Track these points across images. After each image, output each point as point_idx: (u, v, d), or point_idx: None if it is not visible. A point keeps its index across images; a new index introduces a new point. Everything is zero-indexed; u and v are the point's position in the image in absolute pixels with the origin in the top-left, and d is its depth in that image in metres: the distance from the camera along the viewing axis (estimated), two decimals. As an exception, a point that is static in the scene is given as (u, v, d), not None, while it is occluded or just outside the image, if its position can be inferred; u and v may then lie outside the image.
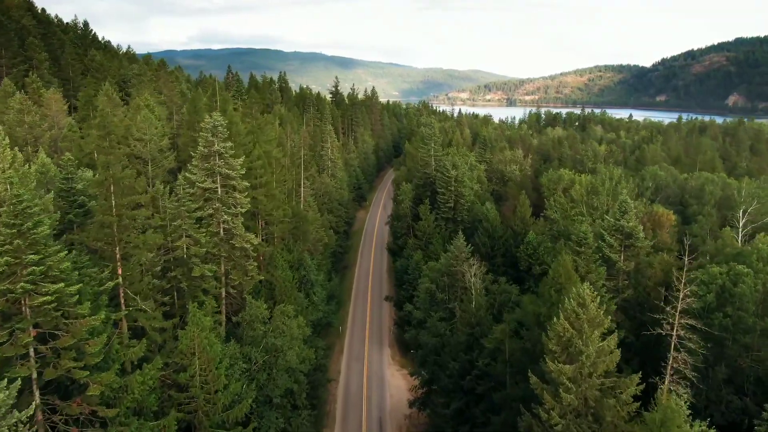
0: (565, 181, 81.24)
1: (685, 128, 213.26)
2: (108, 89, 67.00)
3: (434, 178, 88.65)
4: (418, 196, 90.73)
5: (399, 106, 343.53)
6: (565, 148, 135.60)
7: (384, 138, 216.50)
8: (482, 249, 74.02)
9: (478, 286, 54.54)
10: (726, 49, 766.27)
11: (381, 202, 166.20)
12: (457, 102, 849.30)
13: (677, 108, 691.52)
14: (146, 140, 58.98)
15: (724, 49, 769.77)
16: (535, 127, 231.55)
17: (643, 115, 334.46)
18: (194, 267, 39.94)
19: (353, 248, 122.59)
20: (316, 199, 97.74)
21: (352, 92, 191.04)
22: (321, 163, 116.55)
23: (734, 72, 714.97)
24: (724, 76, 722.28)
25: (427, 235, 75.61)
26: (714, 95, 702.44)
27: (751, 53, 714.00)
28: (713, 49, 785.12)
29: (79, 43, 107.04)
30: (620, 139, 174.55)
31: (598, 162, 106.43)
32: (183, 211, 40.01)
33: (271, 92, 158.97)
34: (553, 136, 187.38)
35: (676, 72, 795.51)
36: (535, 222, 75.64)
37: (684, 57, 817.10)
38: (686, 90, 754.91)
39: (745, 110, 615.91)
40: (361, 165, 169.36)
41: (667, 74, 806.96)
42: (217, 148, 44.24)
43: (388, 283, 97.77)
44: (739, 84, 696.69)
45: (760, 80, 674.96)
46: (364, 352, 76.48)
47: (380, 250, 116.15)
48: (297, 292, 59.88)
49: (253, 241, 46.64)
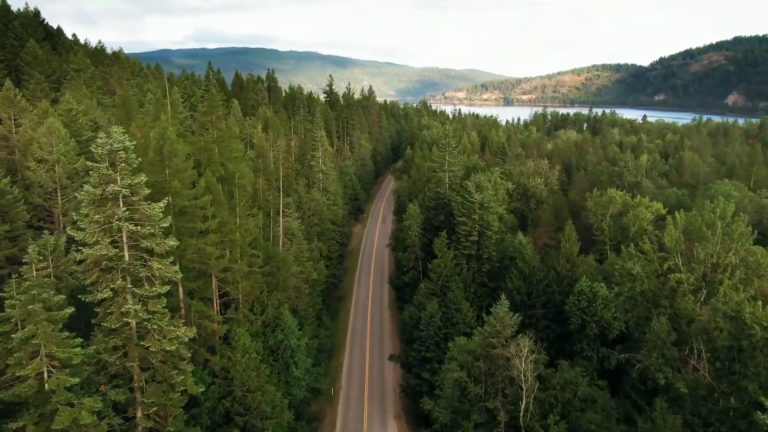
0: (618, 205, 63.07)
1: (705, 130, 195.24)
2: (9, 88, 48.26)
3: (449, 199, 70.31)
4: (428, 221, 72.39)
5: (397, 106, 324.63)
6: (589, 154, 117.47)
7: (382, 141, 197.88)
8: (516, 296, 55.87)
9: (530, 376, 36.47)
10: (725, 48, 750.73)
11: (380, 213, 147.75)
12: (453, 101, 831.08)
13: (676, 107, 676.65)
14: (51, 161, 40.41)
15: (723, 48, 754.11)
16: (543, 128, 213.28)
17: (642, 115, 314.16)
18: (59, 410, 21.54)
19: (349, 272, 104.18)
20: (304, 220, 79.40)
21: (348, 92, 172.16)
22: (311, 175, 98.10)
23: (733, 71, 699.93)
24: (723, 75, 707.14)
25: (444, 277, 57.32)
26: (713, 94, 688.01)
27: (750, 52, 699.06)
28: (712, 48, 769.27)
29: (21, 34, 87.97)
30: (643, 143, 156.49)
31: (639, 174, 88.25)
32: (39, 308, 21.61)
33: (257, 92, 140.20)
34: (567, 139, 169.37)
35: (674, 71, 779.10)
36: (583, 260, 57.47)
37: (682, 56, 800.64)
38: (685, 89, 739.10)
39: (746, 109, 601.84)
40: (358, 172, 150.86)
41: (666, 73, 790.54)
42: (116, 188, 25.82)
43: (391, 326, 79.30)
44: (738, 83, 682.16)
45: (759, 79, 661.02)
46: (363, 425, 58.33)
47: (380, 278, 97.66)
48: (270, 377, 41.70)
49: (185, 335, 28.29)
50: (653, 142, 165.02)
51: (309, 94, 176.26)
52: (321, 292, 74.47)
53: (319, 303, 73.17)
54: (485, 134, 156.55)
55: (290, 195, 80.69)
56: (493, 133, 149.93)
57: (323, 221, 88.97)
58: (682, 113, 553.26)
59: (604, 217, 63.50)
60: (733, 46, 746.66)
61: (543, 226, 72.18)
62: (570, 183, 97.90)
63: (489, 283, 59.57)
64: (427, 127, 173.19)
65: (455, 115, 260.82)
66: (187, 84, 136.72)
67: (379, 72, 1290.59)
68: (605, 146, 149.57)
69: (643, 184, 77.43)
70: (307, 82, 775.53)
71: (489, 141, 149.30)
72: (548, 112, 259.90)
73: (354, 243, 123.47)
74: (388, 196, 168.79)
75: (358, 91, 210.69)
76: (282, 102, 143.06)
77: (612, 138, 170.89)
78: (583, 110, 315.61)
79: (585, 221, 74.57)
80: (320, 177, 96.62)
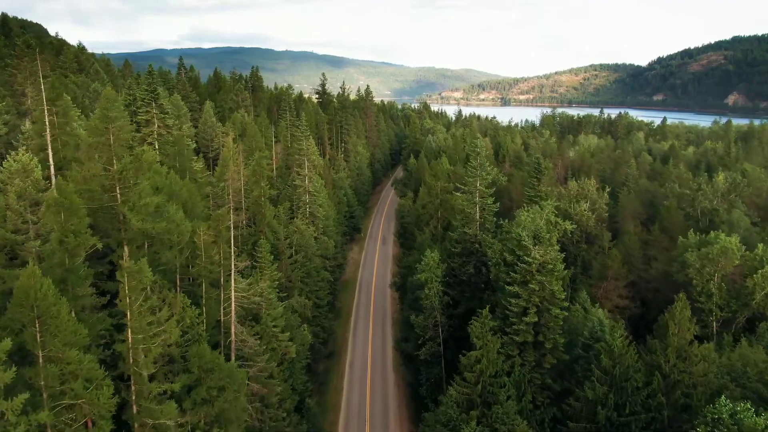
0: (735, 260, 42.28)
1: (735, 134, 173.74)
2: None
3: (481, 244, 49.35)
4: (451, 273, 51.35)
5: (395, 106, 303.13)
6: (630, 167, 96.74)
7: (380, 147, 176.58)
8: (599, 411, 35.16)
9: None
10: (723, 48, 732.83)
11: (379, 231, 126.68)
12: (450, 101, 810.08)
13: (676, 107, 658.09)
14: None
15: (722, 47, 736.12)
16: (556, 132, 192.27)
17: (642, 115, 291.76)
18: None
19: (343, 314, 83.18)
20: (281, 266, 58.35)
21: (342, 92, 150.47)
22: (295, 197, 76.92)
23: (733, 71, 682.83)
24: (722, 75, 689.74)
25: (487, 378, 36.37)
26: (713, 94, 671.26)
27: (750, 52, 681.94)
28: (710, 48, 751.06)
29: None
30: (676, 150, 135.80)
31: (716, 198, 67.45)
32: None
33: (237, 92, 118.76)
34: (588, 146, 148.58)
35: (673, 71, 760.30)
36: (702, 352, 36.56)
37: (681, 56, 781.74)
38: (684, 89, 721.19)
39: (746, 110, 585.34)
40: (354, 184, 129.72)
41: (664, 73, 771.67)
42: None
43: (399, 408, 58.13)
44: (738, 83, 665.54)
45: (760, 79, 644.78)
46: None
47: (382, 332, 76.72)
48: None
49: None
50: (686, 149, 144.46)
51: (299, 94, 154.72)
52: (303, 368, 53.44)
53: (302, 380, 52.26)
54: (499, 140, 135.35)
55: (261, 230, 59.58)
56: (508, 139, 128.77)
57: (309, 258, 67.90)
58: (682, 113, 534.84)
59: (712, 278, 42.64)
60: (731, 45, 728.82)
61: (611, 279, 51.29)
62: (616, 208, 77.08)
63: (553, 385, 38.68)
64: (432, 132, 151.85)
65: (459, 117, 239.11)
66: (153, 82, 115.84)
67: (375, 72, 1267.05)
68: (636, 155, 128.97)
69: (733, 218, 56.47)
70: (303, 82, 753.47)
71: (504, 149, 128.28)
72: (557, 113, 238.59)
73: (349, 271, 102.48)
74: (387, 210, 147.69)
75: (354, 91, 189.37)
76: (266, 104, 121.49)
77: (638, 144, 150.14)
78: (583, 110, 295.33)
79: (656, 269, 53.80)
80: (306, 200, 75.46)
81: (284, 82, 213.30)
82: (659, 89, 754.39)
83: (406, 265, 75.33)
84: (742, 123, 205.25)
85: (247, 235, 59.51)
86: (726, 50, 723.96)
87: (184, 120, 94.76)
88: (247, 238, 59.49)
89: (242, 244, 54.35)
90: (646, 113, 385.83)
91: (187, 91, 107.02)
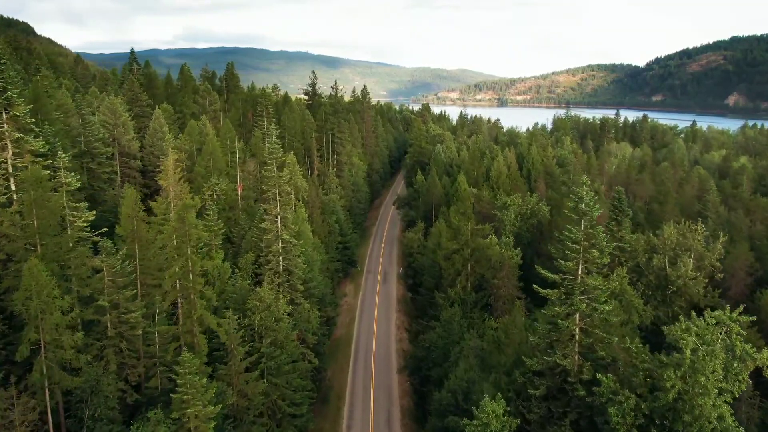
0: None
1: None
2: None
3: (587, 386, 25.16)
4: (526, 401, 27.14)
5: (392, 108, 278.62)
6: (711, 193, 72.85)
7: (379, 155, 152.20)
8: None
9: None
10: (722, 48, 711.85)
11: (379, 263, 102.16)
12: (447, 102, 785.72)
13: (675, 108, 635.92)
14: None
15: (721, 47, 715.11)
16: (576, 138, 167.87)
17: (642, 115, 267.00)
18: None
19: (331, 404, 58.79)
20: (234, 381, 34.44)
21: (335, 92, 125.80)
22: (264, 248, 52.48)
23: (732, 71, 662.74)
24: (722, 75, 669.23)
25: None
26: (713, 94, 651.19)
27: (749, 52, 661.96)
28: (709, 48, 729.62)
29: None
30: (731, 163, 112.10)
31: None
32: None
33: (202, 95, 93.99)
34: (623, 156, 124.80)
35: (671, 71, 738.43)
36: None
37: (679, 56, 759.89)
38: (683, 89, 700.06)
39: (747, 110, 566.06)
40: (349, 203, 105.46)
41: (663, 73, 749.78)
42: None
43: None
44: (738, 83, 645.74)
45: (760, 79, 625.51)
46: None
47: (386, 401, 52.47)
48: None
49: None
50: (737, 159, 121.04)
51: (284, 95, 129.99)
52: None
53: None
54: (521, 151, 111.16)
55: (189, 330, 35.20)
56: (534, 150, 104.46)
57: (282, 348, 43.70)
58: (682, 114, 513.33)
59: None
60: (730, 45, 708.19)
61: None
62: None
63: None
64: (441, 140, 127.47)
65: (464, 120, 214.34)
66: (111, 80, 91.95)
67: (370, 72, 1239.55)
68: (687, 170, 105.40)
69: None
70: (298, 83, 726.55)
71: (528, 162, 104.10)
72: (570, 115, 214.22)
73: (343, 323, 78.20)
74: (388, 232, 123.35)
75: (348, 91, 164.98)
76: (239, 108, 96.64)
77: (680, 152, 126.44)
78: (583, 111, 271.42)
79: None
80: (278, 250, 51.01)
81: (279, 82, 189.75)
82: (658, 90, 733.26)
83: (423, 345, 51.30)
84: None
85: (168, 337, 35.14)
86: (725, 50, 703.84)
87: (125, 131, 70.27)
88: (166, 340, 35.30)
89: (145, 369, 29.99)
90: (646, 114, 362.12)
91: (137, 92, 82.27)
